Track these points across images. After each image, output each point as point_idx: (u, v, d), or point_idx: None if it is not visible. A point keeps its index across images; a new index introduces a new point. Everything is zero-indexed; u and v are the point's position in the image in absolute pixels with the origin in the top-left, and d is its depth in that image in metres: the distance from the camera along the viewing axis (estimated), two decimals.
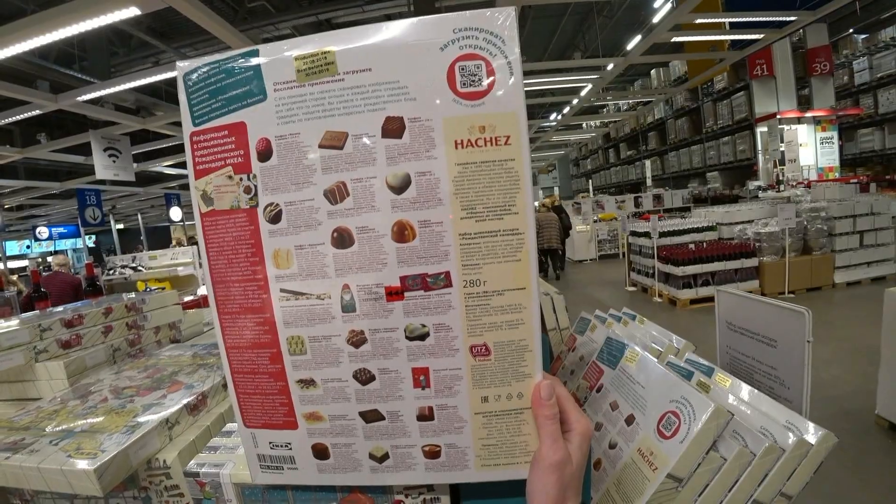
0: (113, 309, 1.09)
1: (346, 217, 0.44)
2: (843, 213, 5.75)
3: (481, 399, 0.47)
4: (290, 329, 0.47)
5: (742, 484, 0.53)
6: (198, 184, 0.47)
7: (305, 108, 0.44)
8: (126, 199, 14.53)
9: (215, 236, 0.48)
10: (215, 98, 0.46)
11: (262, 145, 0.45)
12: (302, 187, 0.45)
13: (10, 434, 0.66)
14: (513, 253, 0.44)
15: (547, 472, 0.44)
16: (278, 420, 0.50)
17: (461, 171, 0.43)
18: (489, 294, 0.45)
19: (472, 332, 0.45)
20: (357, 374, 0.47)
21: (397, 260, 0.44)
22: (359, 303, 0.46)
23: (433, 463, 0.48)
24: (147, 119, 6.43)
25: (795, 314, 0.92)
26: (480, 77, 0.42)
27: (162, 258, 7.06)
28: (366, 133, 0.43)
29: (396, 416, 0.48)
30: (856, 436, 2.56)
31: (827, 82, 10.75)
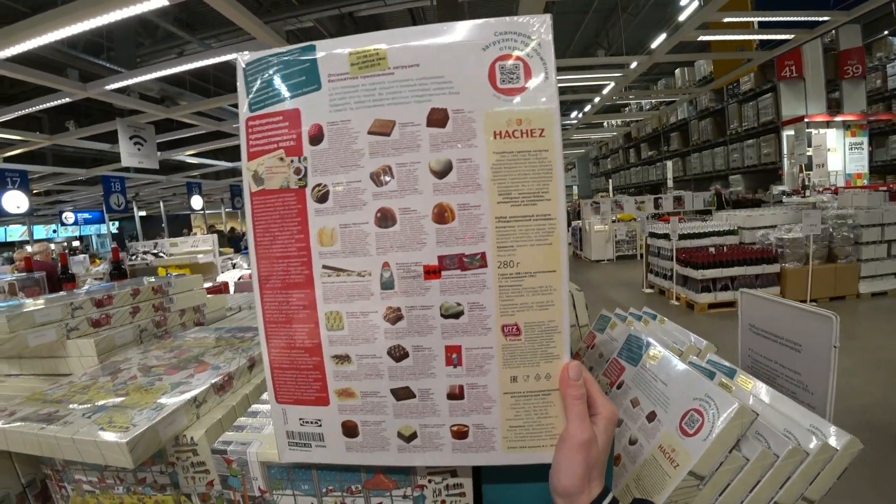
0: (140, 290, 1.13)
1: (389, 198, 0.47)
2: (870, 222, 5.57)
3: (510, 379, 0.48)
4: (330, 304, 0.49)
5: (763, 485, 0.53)
6: (250, 165, 0.50)
7: (357, 97, 0.47)
8: (149, 187, 14.86)
9: (263, 214, 0.50)
10: (272, 87, 0.49)
11: (314, 130, 0.48)
12: (350, 170, 0.48)
13: (45, 406, 0.69)
14: (545, 237, 0.46)
15: (574, 451, 0.45)
16: (310, 396, 0.51)
17: (499, 159, 0.46)
18: (522, 275, 0.47)
19: (504, 311, 0.47)
20: (391, 351, 0.49)
21: (436, 240, 0.47)
22: (397, 280, 0.48)
23: (460, 443, 0.49)
24: (171, 108, 6.55)
25: (822, 318, 0.90)
26: (518, 75, 0.46)
27: (182, 245, 7.22)
28: (412, 122, 0.46)
29: (427, 394, 0.49)
30: (877, 448, 2.50)
31: (858, 85, 10.41)
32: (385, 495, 0.56)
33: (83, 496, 0.70)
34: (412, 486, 0.55)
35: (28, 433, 0.61)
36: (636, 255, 10.06)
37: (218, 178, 15.04)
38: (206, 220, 17.33)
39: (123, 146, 6.53)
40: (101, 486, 0.68)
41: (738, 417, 0.51)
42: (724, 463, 0.52)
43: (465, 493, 0.55)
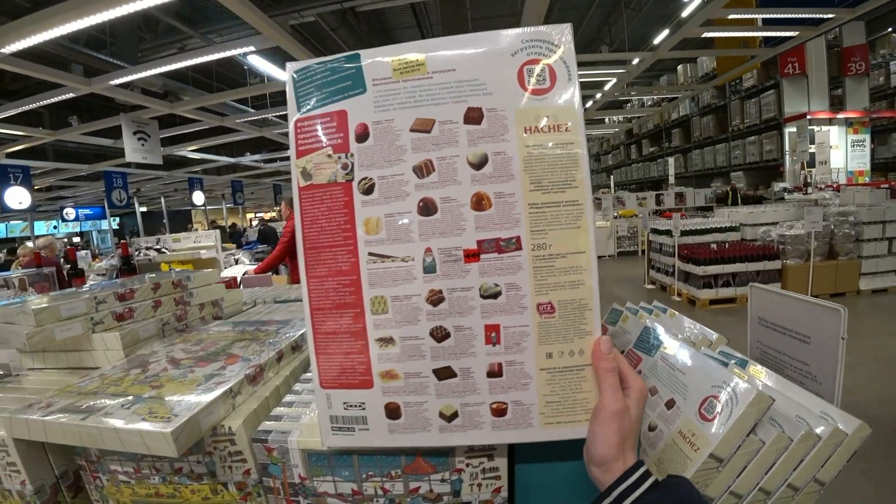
0: (161, 285, 1.15)
1: (431, 189, 0.51)
2: (872, 219, 5.60)
3: (546, 355, 0.51)
4: (375, 289, 0.53)
5: (778, 467, 0.56)
6: (298, 162, 0.54)
7: (399, 99, 0.52)
8: (150, 183, 14.86)
9: (311, 207, 0.54)
10: (320, 91, 0.54)
11: (360, 129, 0.53)
12: (394, 164, 0.52)
13: (81, 398, 0.70)
14: (573, 221, 0.50)
15: (608, 421, 0.48)
16: (355, 379, 0.54)
17: (530, 151, 0.51)
18: (554, 256, 0.51)
19: (538, 290, 0.51)
20: (433, 332, 0.52)
21: (475, 226, 0.51)
22: (439, 264, 0.51)
23: (500, 421, 0.52)
24: (175, 104, 6.56)
25: (831, 311, 0.93)
26: (544, 77, 0.51)
27: (185, 241, 7.24)
28: (450, 120, 0.51)
29: (468, 373, 0.52)
30: (877, 444, 2.53)
31: (861, 83, 10.40)
32: (424, 479, 0.58)
33: (118, 486, 0.72)
34: (450, 469, 0.58)
35: (69, 424, 0.62)
36: (637, 252, 10.09)
37: (219, 173, 15.04)
38: (207, 216, 17.34)
39: (127, 141, 6.54)
40: (137, 476, 0.70)
41: (755, 403, 0.54)
42: (742, 446, 0.55)
43: (500, 475, 0.58)
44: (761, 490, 0.56)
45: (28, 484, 0.71)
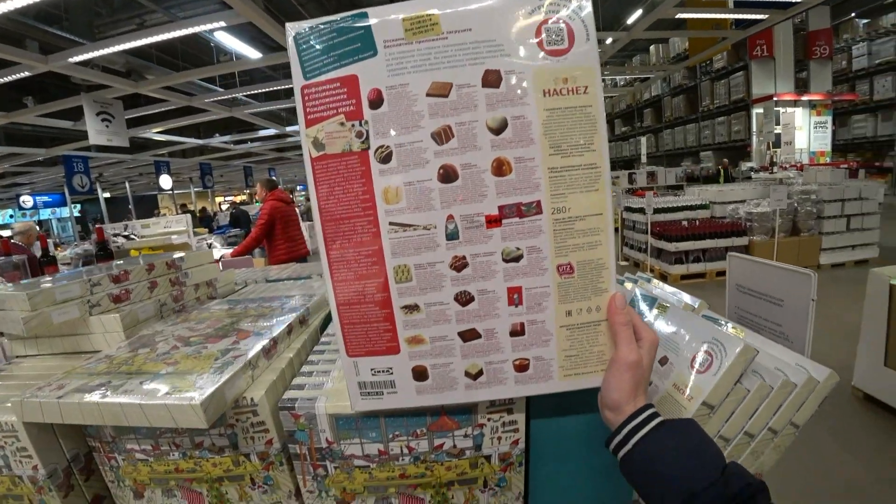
0: (155, 266, 1.14)
1: (451, 156, 0.51)
2: (832, 197, 5.87)
3: (566, 313, 0.54)
4: (398, 259, 0.53)
5: (761, 412, 0.62)
6: (308, 131, 0.52)
7: (413, 62, 0.49)
8: (113, 167, 14.22)
9: (326, 178, 0.52)
10: (327, 54, 0.51)
11: (373, 95, 0.50)
12: (411, 131, 0.50)
13: (93, 378, 0.70)
14: (591, 184, 0.51)
15: (624, 371, 0.51)
16: (381, 346, 0.55)
17: (549, 115, 0.50)
18: (573, 219, 0.52)
19: (558, 252, 0.52)
20: (458, 297, 0.53)
21: (496, 192, 0.51)
22: (462, 231, 0.52)
23: (522, 376, 0.55)
24: (139, 83, 6.26)
25: (802, 276, 1.01)
26: (563, 37, 0.49)
27: (155, 226, 7.01)
28: (468, 83, 0.50)
29: (492, 334, 0.54)
30: (835, 404, 2.75)
31: (825, 66, 10.77)
32: (448, 436, 0.61)
33: (135, 465, 0.72)
34: (473, 425, 0.61)
35: (87, 404, 0.62)
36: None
37: (185, 156, 14.49)
38: (175, 201, 16.76)
39: (91, 123, 6.21)
40: (156, 453, 0.71)
41: (742, 354, 0.60)
42: (731, 394, 0.61)
43: (519, 428, 0.61)
44: (746, 433, 0.63)
45: (41, 468, 0.70)
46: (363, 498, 0.65)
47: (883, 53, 11.16)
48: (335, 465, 0.63)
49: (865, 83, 11.68)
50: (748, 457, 0.64)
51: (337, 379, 0.68)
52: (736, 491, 0.43)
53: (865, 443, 2.44)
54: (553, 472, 0.64)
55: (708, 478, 0.45)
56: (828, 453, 2.35)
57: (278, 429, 0.66)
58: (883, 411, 2.67)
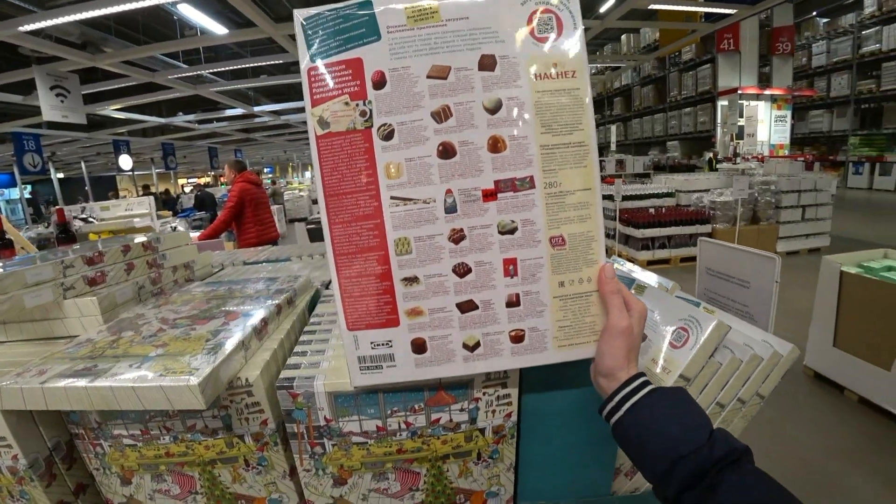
0: (131, 247, 1.11)
1: (449, 133, 0.54)
2: (790, 188, 6.16)
3: (559, 284, 0.56)
4: (398, 231, 0.55)
5: (732, 384, 0.67)
6: (314, 111, 0.55)
7: (415, 46, 0.53)
8: (68, 146, 13.43)
9: (330, 155, 0.55)
10: (333, 38, 0.54)
11: (377, 76, 0.54)
12: (412, 110, 0.54)
13: (77, 363, 0.67)
14: (580, 160, 0.55)
15: (615, 337, 0.53)
16: (381, 319, 0.57)
17: (540, 96, 0.54)
18: (564, 193, 0.55)
19: (551, 225, 0.55)
20: (456, 268, 0.56)
21: (492, 167, 0.54)
22: (459, 204, 0.55)
23: (518, 347, 0.57)
24: (97, 56, 5.91)
25: (768, 259, 1.08)
26: (552, 26, 0.54)
27: (115, 209, 6.68)
28: (465, 67, 0.53)
29: (489, 305, 0.56)
30: (788, 382, 2.93)
31: (787, 62, 11.20)
32: (444, 410, 0.63)
33: (122, 451, 0.71)
34: (469, 399, 0.63)
35: (74, 388, 0.60)
36: None
37: (146, 135, 13.81)
38: (135, 182, 16.01)
39: (44, 98, 5.81)
40: (145, 438, 0.70)
41: (717, 330, 0.65)
42: (705, 367, 0.65)
43: (512, 401, 0.64)
44: (718, 404, 0.68)
45: (21, 458, 0.68)
46: (360, 474, 0.67)
47: (840, 52, 11.70)
48: (333, 443, 0.65)
49: (823, 80, 12.23)
50: (719, 425, 0.69)
51: (333, 357, 0.68)
52: (721, 455, 0.46)
53: (815, 418, 2.64)
54: (543, 443, 0.68)
55: (695, 442, 0.47)
56: (781, 429, 2.52)
57: (274, 409, 0.66)
58: (831, 388, 2.87)
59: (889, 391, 2.46)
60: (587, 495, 0.71)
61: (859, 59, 11.27)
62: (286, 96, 12.01)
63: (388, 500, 0.69)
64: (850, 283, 2.71)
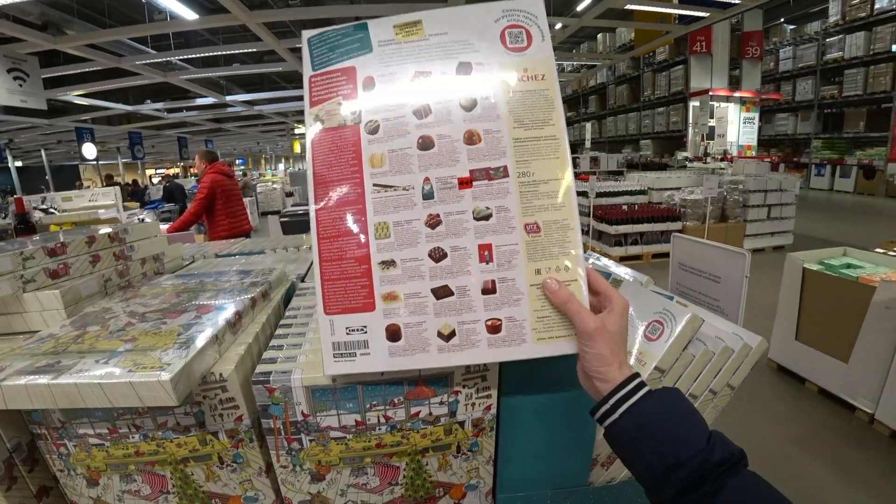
0: (96, 238, 1.06)
1: (429, 128, 0.59)
2: (757, 188, 6.39)
3: (535, 271, 0.57)
4: (378, 216, 0.58)
5: (704, 375, 0.69)
6: (311, 111, 0.61)
7: (400, 56, 0.60)
8: (27, 132, 12.78)
9: (321, 147, 0.60)
10: (332, 52, 0.62)
11: (367, 81, 0.60)
12: (396, 109, 0.59)
13: (39, 359, 0.64)
14: (553, 152, 0.58)
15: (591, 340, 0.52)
16: (357, 303, 0.58)
17: (512, 96, 0.59)
18: (537, 182, 0.57)
19: (525, 212, 0.57)
20: (432, 253, 0.57)
21: (467, 157, 0.58)
22: (436, 191, 0.58)
23: (495, 338, 0.56)
24: (59, 38, 5.63)
25: (738, 255, 1.12)
26: (522, 38, 0.60)
27: (79, 199, 6.39)
28: (444, 72, 0.59)
29: (464, 291, 0.57)
30: (752, 374, 3.05)
31: (756, 66, 11.56)
32: (424, 403, 0.63)
33: (89, 451, 0.68)
34: (448, 392, 0.63)
35: (36, 386, 0.57)
36: None
37: (111, 123, 13.27)
38: (100, 172, 15.37)
39: (1, 81, 5.49)
40: (113, 437, 0.67)
41: (691, 323, 0.66)
42: (679, 359, 0.67)
43: (491, 394, 0.65)
44: (691, 395, 0.70)
45: None
46: (339, 469, 0.66)
47: (805, 58, 12.17)
48: (310, 438, 0.64)
49: (789, 84, 12.71)
50: None
51: (310, 351, 0.67)
52: (720, 459, 0.45)
53: (776, 408, 2.76)
54: (522, 435, 0.68)
55: (694, 447, 0.46)
56: (744, 418, 2.63)
57: (249, 404, 0.64)
58: (793, 380, 3.01)
59: (846, 382, 2.59)
60: (565, 486, 0.72)
61: (823, 65, 11.75)
62: (259, 86, 11.73)
63: (367, 494, 0.69)
64: (812, 279, 2.84)
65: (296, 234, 1.90)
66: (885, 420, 2.38)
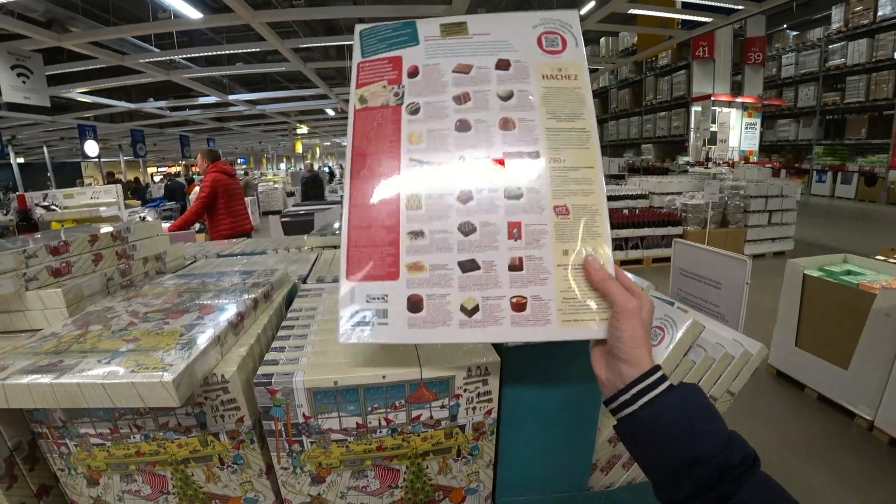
0: (99, 237, 1.06)
1: (467, 113, 0.62)
2: (758, 193, 6.37)
3: (563, 252, 0.57)
4: (412, 188, 0.61)
5: (704, 381, 0.69)
6: (357, 91, 0.66)
7: (444, 51, 0.65)
8: (29, 129, 12.79)
9: (363, 124, 0.64)
10: (381, 43, 0.67)
11: (412, 69, 0.65)
12: (437, 94, 0.63)
13: (41, 358, 0.64)
14: (583, 143, 0.61)
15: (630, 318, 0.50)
16: (382, 271, 0.59)
17: (547, 90, 0.63)
18: (567, 168, 0.60)
19: (555, 195, 0.59)
20: (461, 226, 0.58)
21: (502, 141, 0.61)
22: (470, 169, 0.60)
23: (519, 316, 0.56)
24: (63, 35, 5.63)
25: (739, 261, 1.12)
26: (557, 43, 0.65)
27: (80, 197, 6.39)
28: (485, 66, 0.64)
29: (490, 266, 0.57)
30: (751, 380, 3.04)
31: (758, 72, 11.56)
32: (425, 407, 0.63)
33: (90, 451, 0.68)
34: (450, 395, 0.63)
35: (38, 385, 0.57)
36: None
37: (113, 121, 13.28)
38: (102, 169, 15.38)
39: (4, 78, 5.47)
40: (114, 436, 0.67)
41: (691, 329, 0.67)
42: (679, 365, 0.67)
43: (492, 398, 0.64)
44: None
45: None
46: (339, 472, 0.66)
47: (808, 65, 12.18)
48: (311, 440, 0.64)
49: (791, 90, 12.72)
50: None
51: (312, 354, 0.67)
52: (737, 461, 0.45)
53: (775, 414, 2.75)
54: (522, 439, 0.69)
55: (714, 445, 0.45)
56: (743, 424, 2.62)
57: (250, 405, 0.65)
58: (792, 386, 3.00)
59: (846, 389, 2.59)
60: (564, 490, 0.72)
61: (825, 71, 11.75)
62: (262, 86, 11.73)
63: (368, 497, 0.69)
64: (813, 285, 2.83)
65: (297, 234, 1.91)
66: (884, 427, 2.37)
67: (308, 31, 7.45)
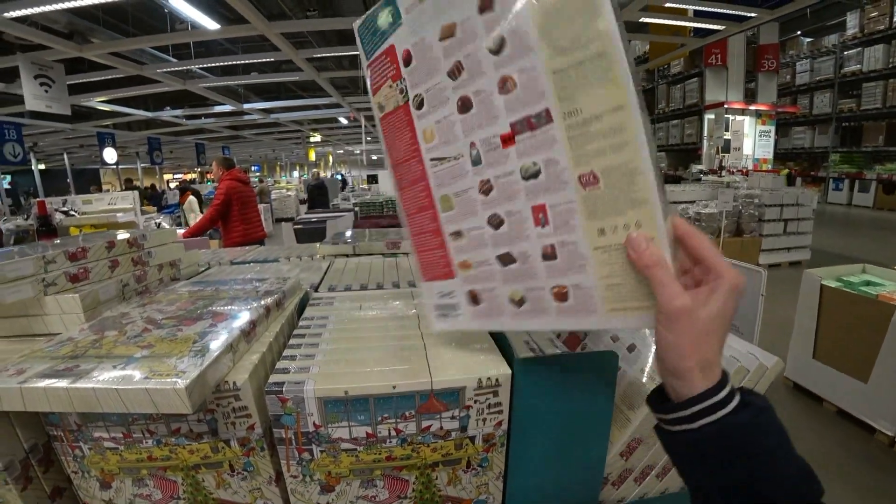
0: (115, 243, 1.08)
1: (465, 87, 0.54)
2: (773, 202, 6.29)
3: (598, 232, 0.48)
4: (441, 189, 0.60)
5: None
6: (374, 98, 0.64)
7: (426, 16, 0.56)
8: (50, 136, 13.13)
9: (389, 132, 0.63)
10: (374, 35, 0.62)
11: (405, 56, 0.59)
12: (433, 75, 0.57)
13: (59, 362, 0.65)
14: (603, 74, 0.44)
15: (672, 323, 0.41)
16: (441, 272, 0.63)
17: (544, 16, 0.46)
18: (588, 121, 0.45)
19: (577, 161, 0.47)
20: (490, 220, 0.56)
21: (505, 110, 0.51)
22: (483, 154, 0.54)
23: (564, 306, 0.52)
24: (84, 46, 5.79)
25: (754, 272, 1.10)
26: None
27: (98, 203, 6.53)
28: (468, 17, 0.51)
29: (525, 258, 0.54)
30: (768, 393, 2.98)
31: (772, 79, 11.45)
32: (435, 418, 0.63)
33: (103, 454, 0.69)
34: (461, 406, 0.63)
35: (55, 389, 0.58)
36: None
37: (131, 129, 13.57)
38: (119, 176, 15.70)
39: (28, 87, 5.65)
40: (127, 441, 0.68)
41: None
42: None
43: (503, 409, 0.64)
44: None
45: None
46: (348, 481, 0.66)
47: (823, 71, 12.05)
48: (321, 449, 0.64)
49: (806, 97, 12.57)
50: None
51: (323, 363, 0.67)
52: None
53: (792, 428, 2.66)
54: (532, 452, 0.68)
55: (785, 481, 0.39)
56: None
57: (261, 413, 0.65)
58: (810, 400, 2.94)
59: (866, 403, 2.53)
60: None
61: (841, 78, 11.61)
62: (276, 94, 11.91)
63: None
64: (830, 296, 2.78)
65: (310, 242, 1.92)
66: None
67: (322, 40, 7.56)
